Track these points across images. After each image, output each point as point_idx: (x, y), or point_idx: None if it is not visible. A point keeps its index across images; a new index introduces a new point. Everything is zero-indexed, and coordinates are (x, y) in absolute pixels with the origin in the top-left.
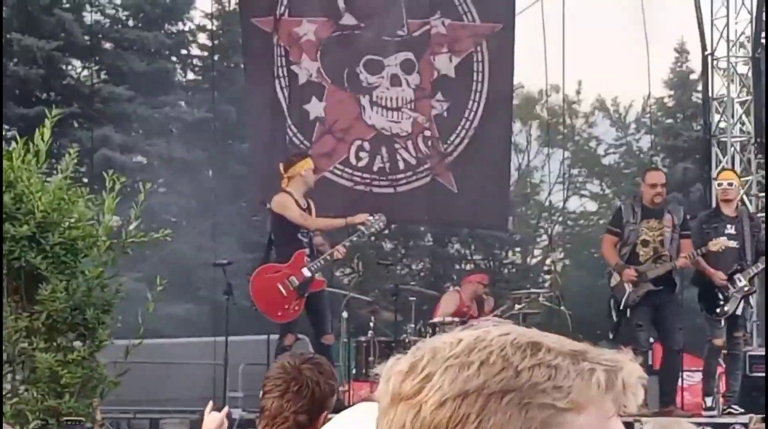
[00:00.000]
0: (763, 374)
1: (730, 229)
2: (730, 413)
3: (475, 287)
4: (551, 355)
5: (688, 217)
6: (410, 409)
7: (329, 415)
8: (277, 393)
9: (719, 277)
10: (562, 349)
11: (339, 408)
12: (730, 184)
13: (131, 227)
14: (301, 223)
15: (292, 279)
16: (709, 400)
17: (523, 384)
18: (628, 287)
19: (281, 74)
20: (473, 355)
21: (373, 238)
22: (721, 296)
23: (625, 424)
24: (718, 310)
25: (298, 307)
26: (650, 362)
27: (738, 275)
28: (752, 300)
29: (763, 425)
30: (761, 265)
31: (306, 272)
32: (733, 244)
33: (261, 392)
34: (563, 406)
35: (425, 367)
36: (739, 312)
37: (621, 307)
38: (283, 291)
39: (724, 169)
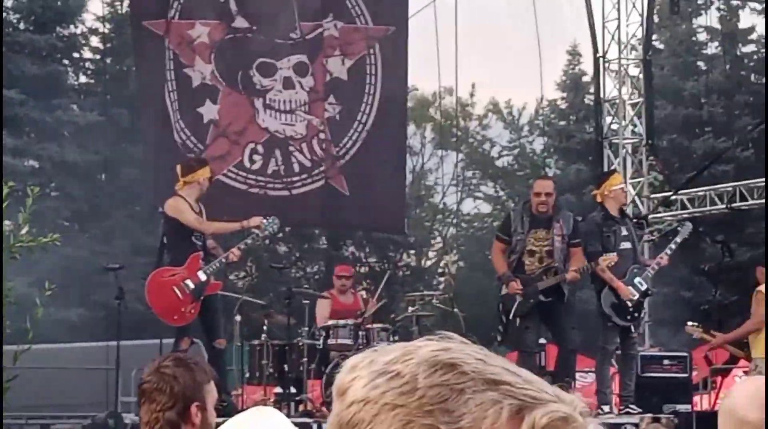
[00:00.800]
0: (656, 374)
1: (624, 231)
2: (628, 413)
3: (339, 281)
4: (461, 378)
5: (579, 219)
6: (337, 405)
7: (222, 419)
8: (143, 399)
9: (628, 293)
10: (478, 376)
11: (231, 412)
12: (623, 190)
13: (23, 232)
14: (197, 226)
15: (188, 282)
16: (606, 408)
17: (413, 401)
18: (518, 297)
19: (170, 77)
20: (395, 365)
21: (267, 241)
22: (629, 304)
23: None
24: (628, 318)
25: (194, 311)
26: (543, 363)
27: (638, 279)
28: (645, 301)
29: (655, 425)
30: (656, 266)
31: (201, 275)
32: (627, 245)
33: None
34: None
35: (361, 369)
36: (636, 314)
37: (511, 316)
38: (179, 294)
39: (612, 172)
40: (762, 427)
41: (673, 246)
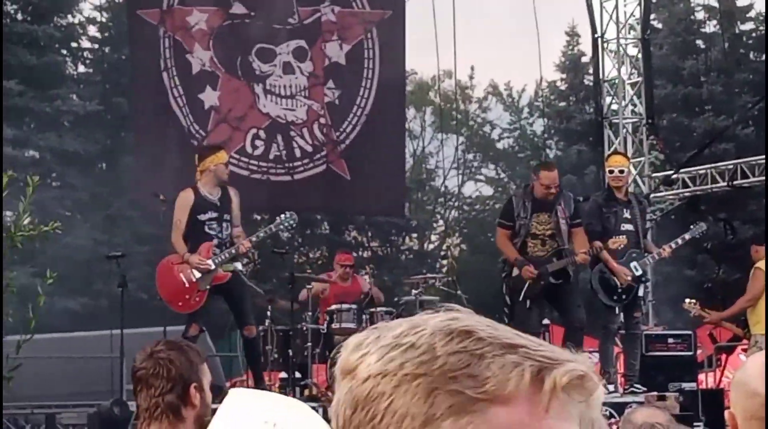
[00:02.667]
0: (661, 353)
1: (626, 213)
2: (633, 392)
3: (339, 269)
4: (479, 344)
5: (580, 199)
6: (347, 384)
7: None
8: (140, 386)
9: (624, 275)
10: (495, 340)
11: None
12: (621, 172)
13: (25, 221)
14: (174, 226)
15: (195, 271)
16: (611, 387)
17: (435, 369)
18: (528, 280)
19: (169, 65)
20: (407, 337)
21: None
22: (618, 284)
23: None
24: (615, 298)
25: (200, 299)
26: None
27: (634, 263)
28: (639, 287)
29: (660, 403)
30: (656, 256)
31: (209, 264)
32: (629, 227)
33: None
34: (475, 396)
35: (368, 345)
36: (641, 293)
37: (521, 298)
38: (185, 282)
39: (614, 152)
40: None
41: (680, 241)
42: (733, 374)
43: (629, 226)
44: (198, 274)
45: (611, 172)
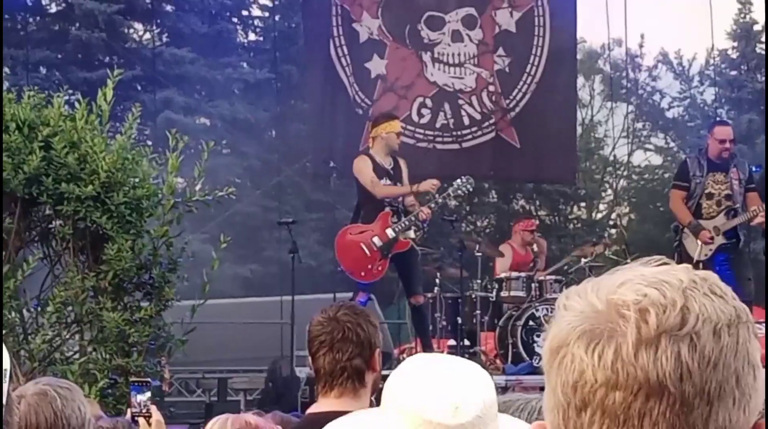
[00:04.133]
0: None
1: None
2: None
3: (522, 235)
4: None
5: (755, 169)
6: (679, 342)
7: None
8: (324, 349)
9: None
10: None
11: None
12: None
13: (197, 187)
14: (370, 189)
15: (375, 239)
16: None
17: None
18: (700, 243)
19: (338, 33)
20: (703, 288)
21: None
22: None
23: None
24: None
25: (382, 268)
26: None
27: None
28: None
29: None
30: None
31: (390, 233)
32: None
33: (309, 356)
34: None
35: (674, 301)
36: None
37: (694, 260)
38: (367, 251)
39: None
40: None
41: None
42: None
43: None
44: (380, 243)
45: None
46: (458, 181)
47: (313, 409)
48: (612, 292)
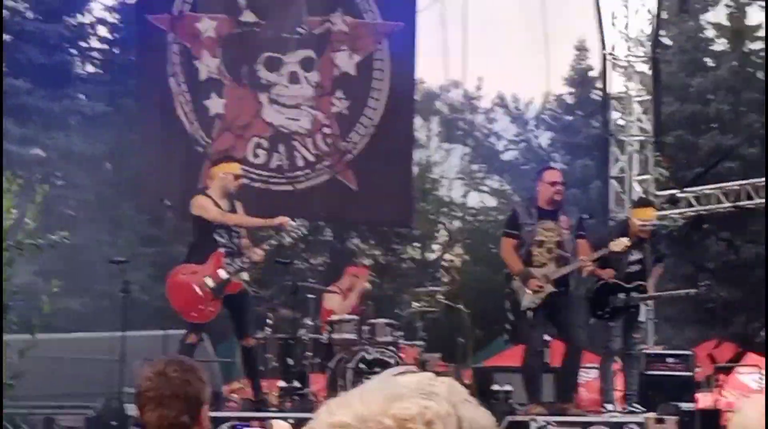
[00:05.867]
0: (660, 372)
1: (636, 255)
2: (631, 412)
3: (351, 280)
4: None
5: (585, 216)
6: None
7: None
8: (152, 405)
9: (608, 273)
10: None
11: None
12: (644, 224)
13: (31, 226)
14: (220, 220)
15: (208, 279)
16: (609, 406)
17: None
18: (529, 292)
19: (177, 71)
20: (460, 396)
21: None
22: (608, 300)
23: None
24: (600, 313)
25: (214, 309)
26: (547, 360)
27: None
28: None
29: (659, 426)
30: (656, 274)
31: (222, 274)
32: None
33: (137, 409)
34: None
35: (449, 412)
36: (642, 318)
37: (522, 308)
38: (199, 291)
39: (641, 203)
40: None
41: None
42: (731, 417)
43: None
44: (212, 283)
45: (640, 222)
46: (291, 223)
47: None
48: (388, 406)
